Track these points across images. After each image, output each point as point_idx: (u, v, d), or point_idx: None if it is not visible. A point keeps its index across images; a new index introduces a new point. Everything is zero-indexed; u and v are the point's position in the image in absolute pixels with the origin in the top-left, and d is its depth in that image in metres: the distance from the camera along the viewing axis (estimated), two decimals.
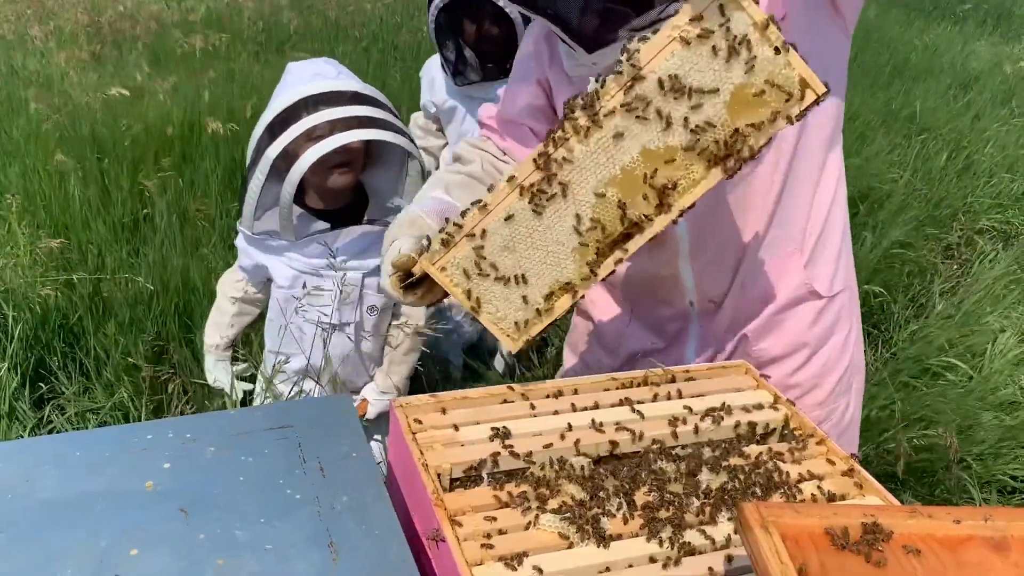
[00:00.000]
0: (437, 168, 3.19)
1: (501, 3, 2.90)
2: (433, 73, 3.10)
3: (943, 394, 3.26)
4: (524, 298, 1.58)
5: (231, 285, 2.38)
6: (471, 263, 1.57)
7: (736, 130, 1.43)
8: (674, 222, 1.50)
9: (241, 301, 2.37)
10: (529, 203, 1.52)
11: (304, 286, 2.23)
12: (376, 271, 2.27)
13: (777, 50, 1.38)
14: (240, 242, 2.30)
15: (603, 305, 1.93)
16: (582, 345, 2.09)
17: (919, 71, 7.56)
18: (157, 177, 3.85)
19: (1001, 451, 3.18)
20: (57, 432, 2.71)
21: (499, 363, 3.44)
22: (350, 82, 2.15)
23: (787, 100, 1.41)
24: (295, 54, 6.41)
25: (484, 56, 3.05)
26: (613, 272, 1.56)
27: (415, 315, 2.42)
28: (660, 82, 1.42)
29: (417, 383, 3.07)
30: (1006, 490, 3.18)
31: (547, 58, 1.77)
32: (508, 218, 1.54)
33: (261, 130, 2.05)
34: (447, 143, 3.19)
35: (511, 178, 1.53)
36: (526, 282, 1.57)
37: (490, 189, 1.56)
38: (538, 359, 3.70)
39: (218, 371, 2.40)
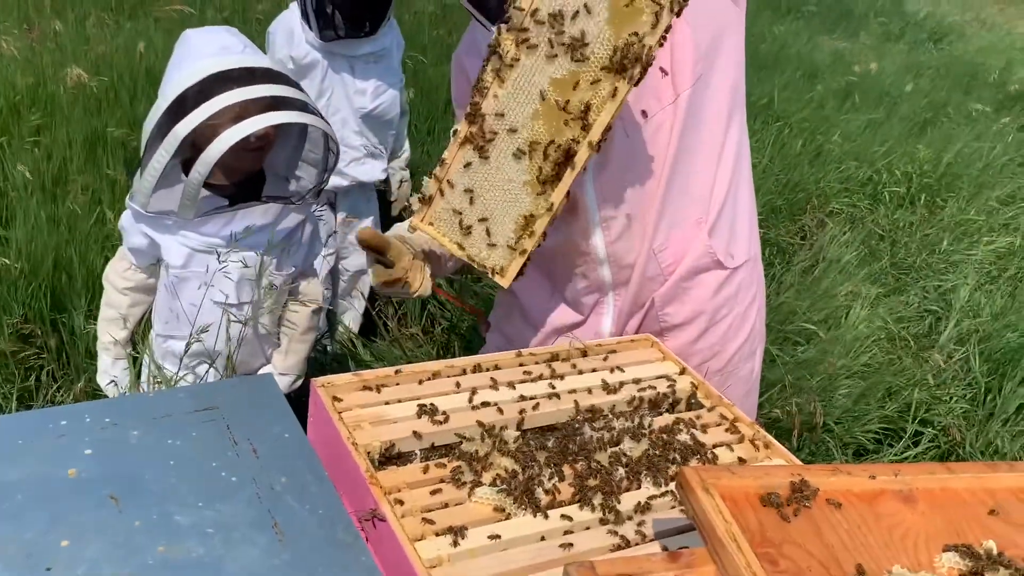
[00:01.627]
0: None
1: None
2: (292, 26, 3.03)
3: (804, 362, 3.50)
4: (498, 237, 1.70)
5: (120, 276, 2.21)
6: (449, 213, 1.70)
7: (623, 42, 1.51)
8: (603, 139, 1.59)
9: (133, 291, 2.22)
10: (475, 151, 1.64)
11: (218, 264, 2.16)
12: (275, 250, 2.20)
13: None
14: (127, 220, 2.16)
15: (526, 283, 1.97)
16: (506, 322, 2.12)
17: (770, 61, 7.98)
18: None
19: (857, 415, 3.45)
20: None
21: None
22: (259, 58, 2.07)
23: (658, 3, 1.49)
24: (152, 19, 6.06)
25: (356, 12, 3.02)
26: (568, 198, 1.66)
27: (314, 293, 2.37)
28: (543, 18, 1.54)
29: None
30: (861, 451, 3.46)
31: (472, 72, 1.80)
32: (466, 166, 1.66)
33: (166, 104, 1.93)
34: None
35: (455, 132, 1.67)
36: (495, 221, 1.69)
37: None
38: (424, 337, 3.70)
39: (116, 370, 2.24)
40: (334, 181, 3.25)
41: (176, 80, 1.92)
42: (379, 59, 3.20)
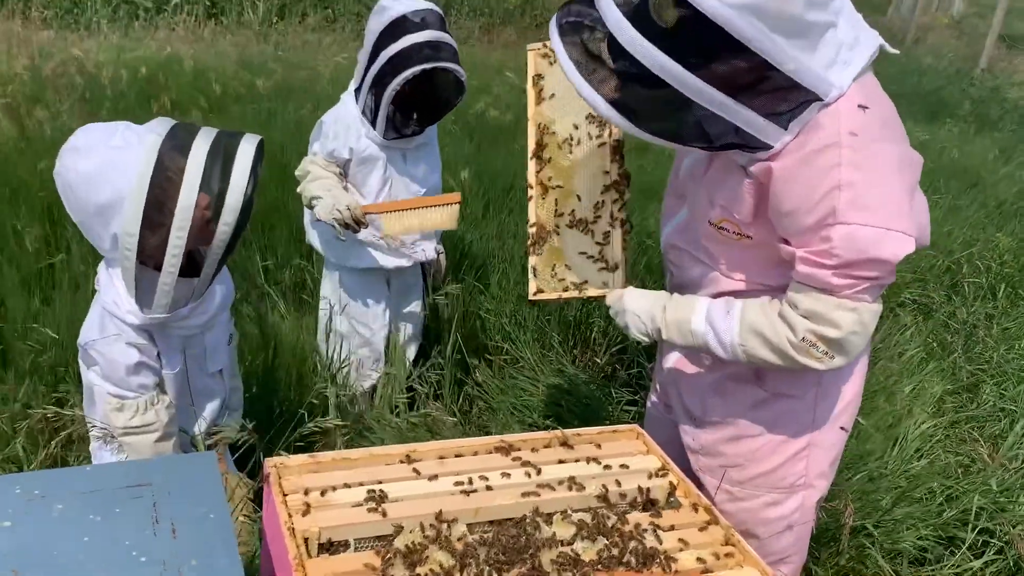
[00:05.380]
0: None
1: (462, 76, 3.00)
2: (349, 121, 3.13)
3: (850, 460, 3.28)
4: None
5: (161, 410, 2.06)
6: None
7: None
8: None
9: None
10: None
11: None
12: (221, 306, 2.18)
13: None
14: (131, 359, 2.00)
15: None
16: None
17: None
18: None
19: (903, 519, 3.19)
20: None
21: None
22: (161, 119, 1.96)
23: None
24: (242, 111, 6.37)
25: (417, 116, 3.13)
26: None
27: (232, 327, 2.36)
28: None
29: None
30: (919, 559, 3.19)
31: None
32: None
33: (141, 202, 1.81)
34: (346, 185, 3.23)
35: None
36: None
37: None
38: (461, 417, 3.65)
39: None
40: (397, 262, 3.34)
41: (133, 168, 1.81)
42: (424, 147, 3.31)
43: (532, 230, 2.00)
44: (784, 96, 1.54)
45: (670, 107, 1.54)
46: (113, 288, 1.98)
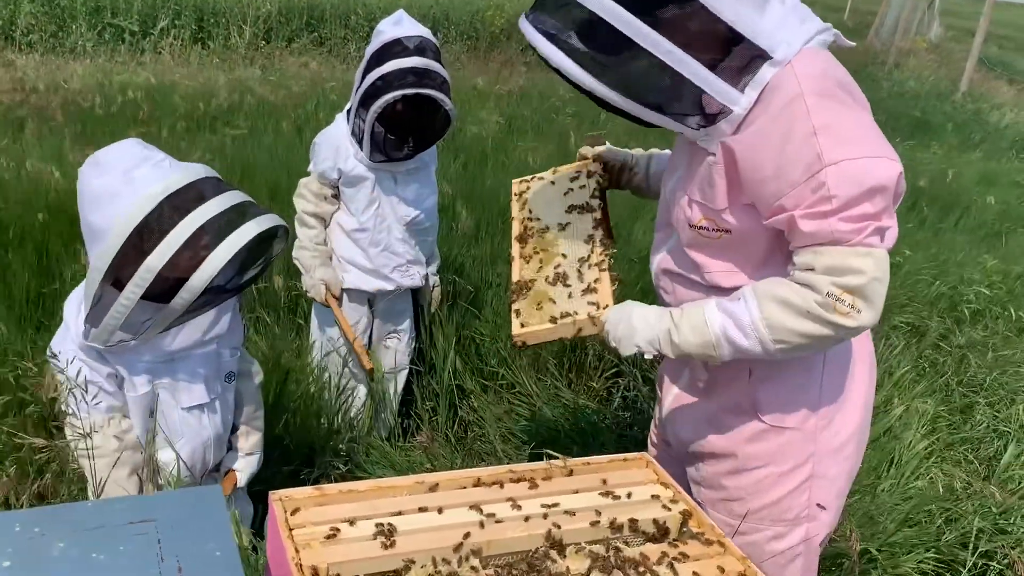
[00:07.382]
0: (324, 229, 3.28)
1: (448, 105, 2.98)
2: (338, 142, 3.11)
3: (856, 489, 3.26)
4: None
5: (116, 434, 2.03)
6: None
7: None
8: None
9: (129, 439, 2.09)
10: None
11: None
12: (228, 337, 2.14)
13: None
14: (82, 361, 1.98)
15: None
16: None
17: None
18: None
19: (903, 543, 3.17)
20: None
21: None
22: (197, 168, 1.89)
23: None
24: (227, 130, 6.36)
25: (406, 139, 3.10)
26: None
27: (255, 367, 2.34)
28: None
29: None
30: None
31: None
32: None
33: (120, 240, 1.76)
34: (339, 208, 3.26)
35: None
36: None
37: None
38: (456, 444, 3.62)
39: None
40: (378, 285, 3.31)
41: (124, 212, 1.76)
42: (418, 171, 3.28)
43: (514, 286, 1.96)
44: (733, 51, 1.60)
45: (630, 62, 1.59)
46: (80, 301, 1.96)
